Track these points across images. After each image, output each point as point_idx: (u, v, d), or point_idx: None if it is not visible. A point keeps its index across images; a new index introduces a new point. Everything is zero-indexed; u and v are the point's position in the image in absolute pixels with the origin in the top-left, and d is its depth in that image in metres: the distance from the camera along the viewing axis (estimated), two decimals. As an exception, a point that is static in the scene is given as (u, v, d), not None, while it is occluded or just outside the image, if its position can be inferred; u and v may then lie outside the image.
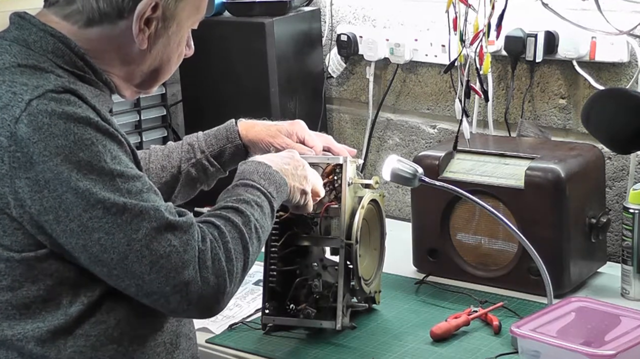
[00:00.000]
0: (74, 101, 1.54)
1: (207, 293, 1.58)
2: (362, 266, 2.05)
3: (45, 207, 1.51)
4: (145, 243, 1.53)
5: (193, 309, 1.58)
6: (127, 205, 1.53)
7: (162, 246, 1.55)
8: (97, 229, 1.52)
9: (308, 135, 2.08)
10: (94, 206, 1.51)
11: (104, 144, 1.54)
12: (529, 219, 2.15)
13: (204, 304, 1.59)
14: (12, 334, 1.58)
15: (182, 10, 1.67)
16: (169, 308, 1.58)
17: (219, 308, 1.62)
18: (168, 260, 1.55)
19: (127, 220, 1.53)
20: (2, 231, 1.55)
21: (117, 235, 1.52)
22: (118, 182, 1.53)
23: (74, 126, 1.52)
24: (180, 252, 1.56)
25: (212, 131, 2.09)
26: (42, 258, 1.56)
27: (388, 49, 2.70)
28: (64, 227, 1.52)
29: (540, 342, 1.81)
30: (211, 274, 1.58)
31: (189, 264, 1.56)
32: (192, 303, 1.57)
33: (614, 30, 2.20)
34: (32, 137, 1.50)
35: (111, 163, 1.53)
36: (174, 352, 1.69)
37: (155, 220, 1.55)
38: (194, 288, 1.56)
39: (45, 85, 1.54)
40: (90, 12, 1.62)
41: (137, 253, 1.53)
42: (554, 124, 2.50)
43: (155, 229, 1.54)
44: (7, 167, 1.51)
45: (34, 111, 1.51)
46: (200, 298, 1.57)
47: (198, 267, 1.57)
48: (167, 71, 1.73)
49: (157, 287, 1.55)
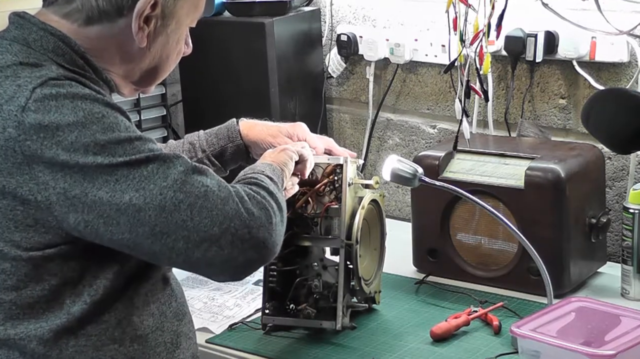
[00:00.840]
0: (75, 84, 1.55)
1: (256, 224, 1.55)
2: (362, 266, 2.05)
3: (70, 183, 1.51)
4: (178, 187, 1.52)
5: (248, 248, 1.54)
6: (150, 157, 1.53)
7: (196, 187, 1.53)
8: (127, 189, 1.51)
9: (309, 137, 2.08)
10: (117, 168, 1.51)
11: (115, 116, 1.54)
12: (529, 219, 2.15)
13: (257, 238, 1.55)
14: (14, 334, 1.58)
15: (180, 8, 1.67)
16: (224, 257, 1.53)
17: (273, 241, 1.58)
18: (206, 199, 1.53)
19: (154, 170, 1.52)
20: (14, 226, 1.55)
21: (148, 187, 1.51)
22: (137, 145, 1.53)
23: (81, 102, 1.52)
24: (216, 190, 1.54)
25: (214, 130, 2.10)
26: (49, 258, 1.56)
27: (388, 49, 2.70)
28: (94, 198, 1.51)
29: (540, 342, 1.81)
30: (253, 207, 1.57)
31: (228, 199, 1.54)
32: (244, 240, 1.54)
33: (614, 30, 2.20)
34: (43, 121, 1.50)
35: (125, 132, 1.54)
36: (175, 351, 1.69)
37: (181, 164, 1.55)
38: (241, 221, 1.54)
39: (47, 74, 1.55)
40: (89, 11, 1.62)
41: (173, 199, 1.51)
42: (554, 124, 2.50)
43: (183, 172, 1.54)
44: (21, 157, 1.51)
45: (39, 96, 1.51)
46: (250, 232, 1.54)
47: (238, 200, 1.55)
48: (165, 69, 1.73)
49: (204, 231, 1.52)
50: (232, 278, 1.63)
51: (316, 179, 2.04)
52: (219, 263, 1.55)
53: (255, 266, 1.60)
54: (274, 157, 1.86)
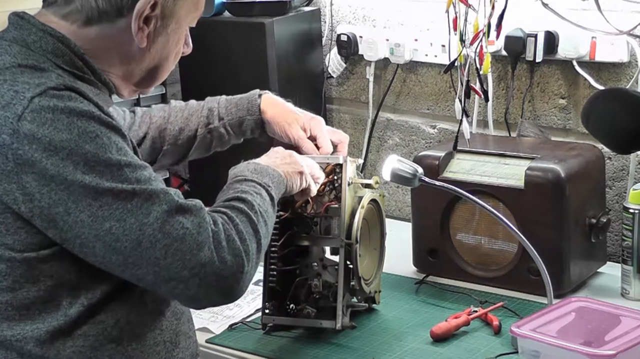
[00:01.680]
0: (75, 97, 1.54)
1: (226, 273, 1.56)
2: (362, 265, 2.05)
3: (55, 200, 1.51)
4: (157, 226, 1.52)
5: (214, 293, 1.56)
6: (136, 190, 1.52)
7: (175, 229, 1.53)
8: (108, 218, 1.51)
9: (321, 133, 2.07)
10: (102, 194, 1.51)
11: (109, 137, 1.54)
12: (529, 219, 2.15)
13: (224, 286, 1.56)
14: (11, 335, 1.58)
15: (180, 8, 1.67)
16: (188, 295, 1.55)
17: (240, 289, 1.59)
18: (182, 242, 1.53)
19: (138, 205, 1.52)
20: (5, 229, 1.54)
21: (129, 221, 1.52)
22: (126, 172, 1.53)
23: (77, 119, 1.52)
24: (194, 234, 1.54)
25: (235, 98, 2.09)
26: (43, 259, 1.56)
27: (388, 49, 2.70)
28: (75, 219, 1.51)
29: (540, 342, 1.81)
30: (228, 254, 1.57)
31: (204, 245, 1.54)
32: (211, 285, 1.55)
33: (614, 30, 2.20)
34: (37, 133, 1.50)
35: (117, 154, 1.53)
36: (174, 351, 1.69)
37: (166, 203, 1.54)
38: (212, 269, 1.54)
39: (46, 83, 1.54)
40: (89, 11, 1.61)
41: (151, 237, 1.52)
42: (554, 124, 2.50)
43: (166, 212, 1.54)
44: (12, 164, 1.51)
45: (36, 107, 1.51)
46: (219, 280, 1.55)
47: (213, 248, 1.55)
48: (165, 69, 1.73)
49: (174, 272, 1.53)
50: (194, 308, 1.68)
51: (316, 179, 2.04)
52: (183, 299, 1.59)
53: (217, 305, 1.66)
54: (288, 171, 1.84)
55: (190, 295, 1.56)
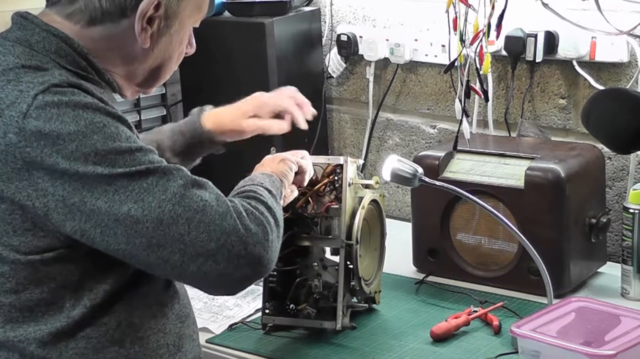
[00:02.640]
0: (78, 92, 1.54)
1: (253, 241, 1.55)
2: (362, 266, 2.05)
3: (69, 191, 1.50)
4: (176, 201, 1.52)
5: (244, 264, 1.54)
6: (150, 169, 1.52)
7: (194, 202, 1.53)
8: (126, 200, 1.50)
9: (268, 97, 2.08)
10: (116, 179, 1.51)
11: (116, 126, 1.54)
12: (529, 219, 2.15)
13: (253, 254, 1.55)
14: (14, 336, 1.58)
15: (184, 9, 1.67)
16: (219, 271, 1.53)
17: (269, 258, 1.58)
18: (204, 214, 1.53)
19: (153, 182, 1.52)
20: (12, 230, 1.54)
21: (147, 199, 1.51)
22: (138, 156, 1.53)
23: (83, 112, 1.52)
24: (214, 205, 1.54)
25: (179, 125, 2.09)
26: (47, 262, 1.56)
27: (388, 49, 2.70)
28: (92, 207, 1.50)
29: (540, 342, 1.81)
30: (251, 222, 1.56)
31: (226, 214, 1.54)
32: (240, 256, 1.54)
33: (614, 30, 2.20)
34: (44, 128, 1.50)
35: (126, 142, 1.53)
36: (177, 354, 1.68)
37: (181, 178, 1.54)
38: (238, 237, 1.54)
39: (50, 80, 1.54)
40: (92, 11, 1.61)
41: (171, 213, 1.51)
42: (554, 124, 2.50)
43: (182, 186, 1.53)
44: (22, 163, 1.51)
45: (40, 104, 1.51)
46: (247, 248, 1.54)
47: (236, 216, 1.55)
48: (168, 70, 1.73)
49: (200, 246, 1.52)
50: (226, 292, 1.64)
51: (316, 179, 2.04)
52: (213, 277, 1.55)
53: (249, 281, 1.60)
54: (274, 167, 1.86)
55: (220, 271, 1.53)
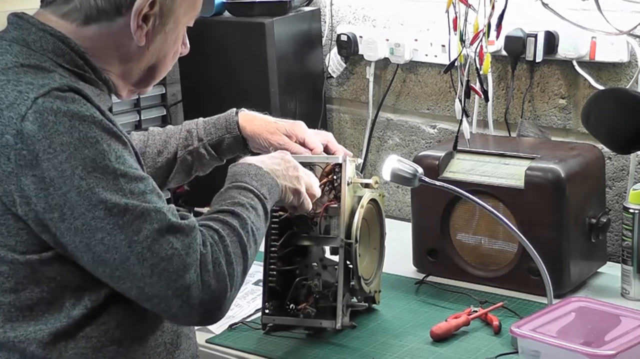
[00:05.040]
0: (78, 99, 1.54)
1: (208, 298, 1.57)
2: (362, 265, 2.05)
3: (51, 204, 1.51)
4: (146, 245, 1.53)
5: (194, 315, 1.57)
6: (128, 206, 1.52)
7: (163, 249, 1.54)
8: (100, 229, 1.51)
9: (308, 136, 2.07)
10: (96, 206, 1.51)
11: (109, 144, 1.53)
12: (529, 219, 2.15)
13: (205, 309, 1.57)
14: (14, 336, 1.57)
15: (178, 7, 1.67)
16: (170, 313, 1.57)
17: (220, 313, 1.61)
18: (169, 263, 1.54)
19: (129, 221, 1.52)
20: (7, 231, 1.54)
21: (119, 236, 1.52)
22: (121, 182, 1.53)
23: (79, 123, 1.52)
24: (182, 255, 1.55)
25: (213, 119, 2.09)
26: (46, 261, 1.56)
27: (388, 49, 2.70)
28: (69, 226, 1.51)
29: (540, 342, 1.81)
30: (212, 279, 1.57)
31: (191, 267, 1.55)
32: (193, 308, 1.56)
33: (614, 30, 2.20)
34: (38, 134, 1.50)
35: (115, 162, 1.53)
36: (175, 352, 1.69)
37: (157, 222, 1.54)
38: (195, 293, 1.55)
39: (50, 84, 1.54)
40: (88, 10, 1.61)
41: (139, 255, 1.52)
42: (554, 124, 2.50)
43: (157, 231, 1.54)
44: (14, 165, 1.51)
45: (39, 108, 1.51)
46: (201, 303, 1.56)
47: (199, 271, 1.56)
48: (163, 69, 1.73)
49: (158, 291, 1.54)
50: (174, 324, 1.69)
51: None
52: (164, 315, 1.60)
53: (197, 325, 1.73)
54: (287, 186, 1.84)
55: (171, 313, 1.57)
